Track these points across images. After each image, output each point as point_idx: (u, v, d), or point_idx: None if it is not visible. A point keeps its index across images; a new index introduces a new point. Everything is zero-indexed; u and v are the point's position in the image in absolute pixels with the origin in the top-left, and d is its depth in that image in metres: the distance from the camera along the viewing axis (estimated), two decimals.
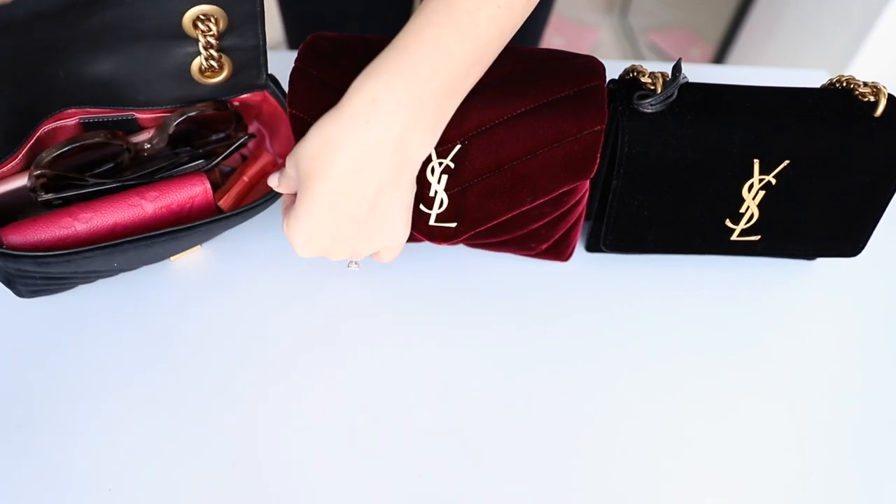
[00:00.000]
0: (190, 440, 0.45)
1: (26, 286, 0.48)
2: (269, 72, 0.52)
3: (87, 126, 0.49)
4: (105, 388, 0.48)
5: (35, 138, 0.47)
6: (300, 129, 0.48)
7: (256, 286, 0.54)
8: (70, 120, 0.48)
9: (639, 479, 0.45)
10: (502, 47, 0.41)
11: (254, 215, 0.51)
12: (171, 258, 0.54)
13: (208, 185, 0.50)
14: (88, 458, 0.44)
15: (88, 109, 0.47)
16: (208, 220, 0.48)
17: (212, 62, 0.47)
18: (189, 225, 0.47)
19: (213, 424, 0.46)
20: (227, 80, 0.49)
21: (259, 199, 0.50)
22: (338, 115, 0.39)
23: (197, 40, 0.45)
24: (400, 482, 0.44)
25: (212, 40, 0.45)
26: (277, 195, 0.50)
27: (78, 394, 0.47)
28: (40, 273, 0.45)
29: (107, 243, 0.45)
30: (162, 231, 0.46)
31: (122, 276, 0.54)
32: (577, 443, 0.46)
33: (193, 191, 0.49)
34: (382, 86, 0.38)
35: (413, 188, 0.44)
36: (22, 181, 0.47)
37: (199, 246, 0.54)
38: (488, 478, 0.45)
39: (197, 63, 0.47)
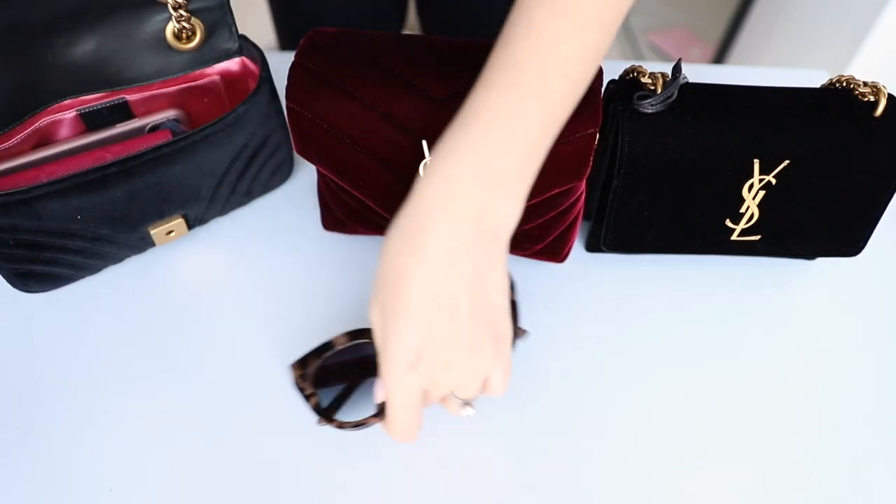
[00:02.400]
0: (190, 441, 0.45)
1: (4, 258, 0.47)
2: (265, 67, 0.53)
3: (84, 117, 0.51)
4: (106, 388, 0.48)
5: (35, 128, 0.49)
6: (298, 124, 0.48)
7: (258, 285, 0.54)
8: (68, 113, 0.51)
9: (639, 477, 0.45)
10: (579, 99, 0.37)
11: (205, 140, 0.49)
12: (152, 234, 0.53)
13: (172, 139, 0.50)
14: (89, 459, 0.44)
15: (83, 98, 0.50)
16: (155, 146, 0.47)
17: (183, 23, 0.49)
18: (136, 153, 0.47)
19: (213, 425, 0.46)
20: (202, 46, 0.51)
21: (210, 122, 0.49)
22: (415, 201, 0.35)
23: (166, 4, 0.48)
24: (398, 482, 0.44)
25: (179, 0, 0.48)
26: (231, 112, 0.49)
27: (78, 394, 0.47)
28: (3, 224, 0.45)
29: (55, 179, 0.45)
30: (110, 162, 0.46)
31: (121, 277, 0.54)
32: (576, 442, 0.46)
33: (156, 143, 0.49)
34: (453, 161, 0.35)
35: (506, 276, 0.38)
36: (23, 160, 0.48)
37: (181, 219, 0.53)
38: (487, 479, 0.45)
39: (171, 28, 0.49)
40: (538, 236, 0.53)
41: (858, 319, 0.55)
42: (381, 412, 0.42)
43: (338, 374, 0.44)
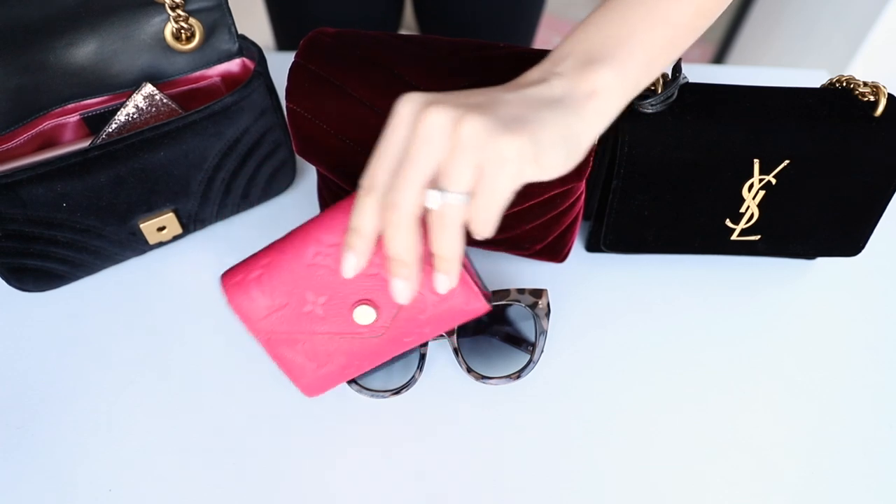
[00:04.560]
0: (190, 441, 0.45)
1: None
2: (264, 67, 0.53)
3: (87, 121, 0.51)
4: (105, 388, 0.48)
5: (38, 130, 0.50)
6: (298, 124, 0.48)
7: None
8: (72, 117, 0.51)
9: (639, 477, 0.45)
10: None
11: (189, 127, 0.49)
12: (143, 229, 0.52)
13: None
14: (89, 459, 0.44)
15: (86, 102, 0.50)
16: (138, 130, 0.47)
17: (181, 24, 0.49)
18: (119, 137, 0.47)
19: (212, 426, 0.46)
20: (201, 46, 0.51)
21: (195, 110, 0.49)
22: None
23: (164, 5, 0.48)
24: (401, 482, 0.44)
25: None
26: (218, 101, 0.49)
27: (78, 394, 0.47)
28: None
29: (37, 162, 0.45)
30: (92, 146, 0.46)
31: (120, 278, 0.54)
32: (576, 442, 0.46)
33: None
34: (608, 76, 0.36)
35: (600, 124, 0.36)
36: (24, 162, 0.48)
37: (171, 213, 0.53)
38: (487, 480, 0.45)
39: (169, 29, 0.50)
40: (538, 236, 0.53)
41: (858, 319, 0.55)
42: (400, 389, 0.46)
43: None
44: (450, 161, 0.31)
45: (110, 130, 0.50)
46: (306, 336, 0.39)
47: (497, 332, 0.49)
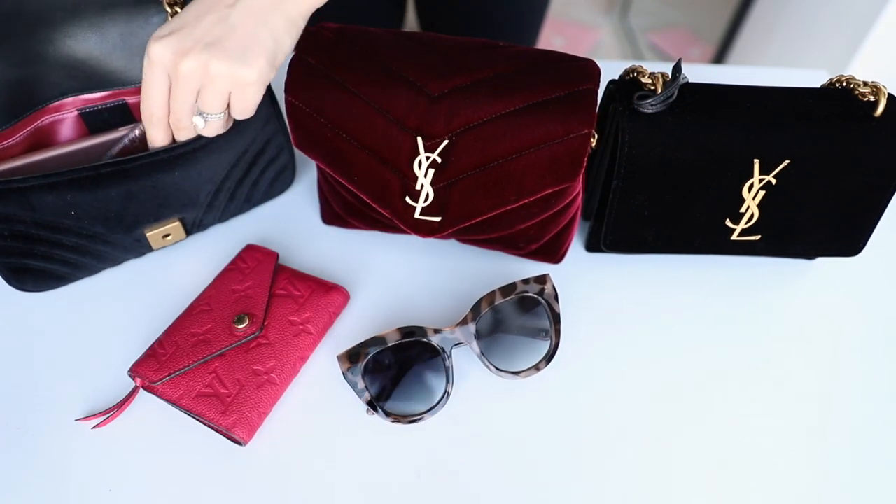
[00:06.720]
0: (190, 441, 0.45)
1: None
2: None
3: (85, 116, 0.51)
4: (106, 388, 0.48)
5: (35, 127, 0.49)
6: (297, 117, 0.48)
7: None
8: (69, 112, 0.51)
9: (637, 477, 0.45)
10: None
11: (203, 148, 0.50)
12: (148, 237, 0.52)
13: None
14: (89, 459, 0.44)
15: (84, 97, 0.50)
16: (152, 151, 0.48)
17: None
18: (133, 156, 0.47)
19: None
20: None
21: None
22: None
23: (161, 2, 0.49)
24: (400, 479, 0.44)
25: None
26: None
27: (79, 394, 0.47)
28: None
29: (50, 172, 0.45)
30: (105, 162, 0.47)
31: (120, 279, 0.54)
32: (575, 442, 0.46)
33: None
34: None
35: (291, 31, 0.43)
36: (22, 161, 0.48)
37: (177, 222, 0.53)
38: (488, 480, 0.45)
39: None
40: (534, 236, 0.53)
41: (858, 319, 0.55)
42: (432, 407, 0.46)
43: (386, 367, 0.46)
44: (205, 93, 0.43)
45: (114, 152, 0.50)
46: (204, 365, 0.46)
47: (512, 328, 0.49)
